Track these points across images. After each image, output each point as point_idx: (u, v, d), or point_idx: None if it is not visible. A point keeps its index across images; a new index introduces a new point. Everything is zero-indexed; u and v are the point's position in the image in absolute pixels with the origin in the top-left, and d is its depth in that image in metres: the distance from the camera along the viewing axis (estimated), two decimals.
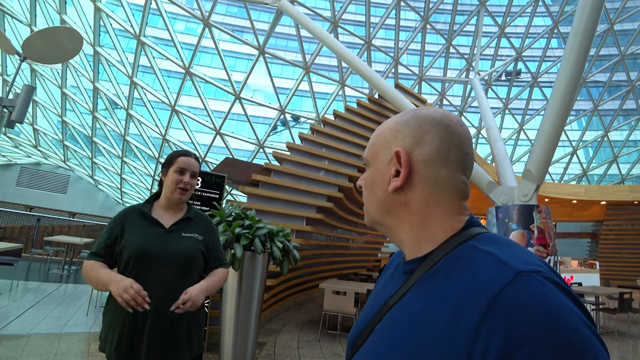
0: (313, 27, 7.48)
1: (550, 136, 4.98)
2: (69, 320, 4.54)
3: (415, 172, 0.56)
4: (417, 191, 0.56)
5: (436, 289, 0.49)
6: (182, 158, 1.60)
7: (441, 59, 15.49)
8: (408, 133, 0.57)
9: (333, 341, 4.72)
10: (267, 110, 15.30)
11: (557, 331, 0.38)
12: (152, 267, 1.45)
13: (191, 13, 10.87)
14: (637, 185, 14.43)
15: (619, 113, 19.68)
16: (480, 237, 0.52)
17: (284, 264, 3.50)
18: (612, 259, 14.51)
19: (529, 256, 0.46)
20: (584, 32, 4.54)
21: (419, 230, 0.56)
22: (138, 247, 1.45)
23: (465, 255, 0.50)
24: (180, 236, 1.55)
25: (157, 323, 1.41)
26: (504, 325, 0.39)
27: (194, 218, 1.64)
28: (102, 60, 12.53)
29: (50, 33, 4.75)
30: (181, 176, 1.57)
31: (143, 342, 1.39)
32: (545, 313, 0.39)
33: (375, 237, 10.52)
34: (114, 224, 1.51)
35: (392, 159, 0.58)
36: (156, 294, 1.40)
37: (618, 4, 16.30)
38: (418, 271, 0.54)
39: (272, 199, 5.89)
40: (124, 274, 1.42)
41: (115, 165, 17.44)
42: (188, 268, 1.52)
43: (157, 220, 1.55)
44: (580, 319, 0.39)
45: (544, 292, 0.40)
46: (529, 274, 0.42)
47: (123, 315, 1.40)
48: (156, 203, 1.62)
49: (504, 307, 0.40)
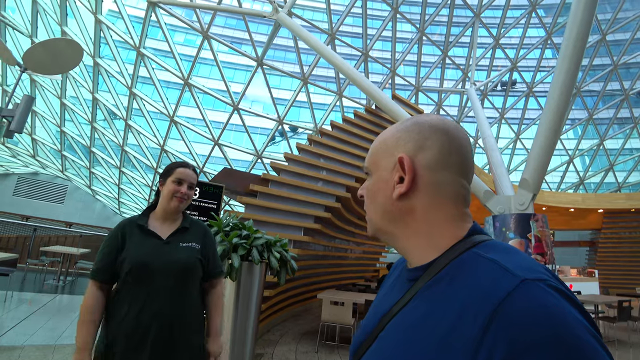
0: (311, 39, 7.60)
1: (545, 145, 5.03)
2: (63, 331, 4.48)
3: (418, 178, 0.56)
4: (421, 197, 0.56)
5: (440, 296, 0.49)
6: (180, 169, 1.62)
7: (437, 70, 15.69)
8: (409, 139, 0.58)
9: (331, 352, 4.67)
10: (265, 121, 15.41)
11: (561, 339, 0.37)
12: (152, 279, 1.46)
13: (191, 25, 11.02)
14: (634, 193, 14.52)
15: (614, 121, 19.88)
16: (484, 244, 0.52)
17: (282, 274, 3.49)
18: (610, 267, 14.50)
19: (533, 264, 0.46)
20: (576, 42, 4.63)
21: (422, 237, 0.56)
22: (137, 260, 1.46)
23: (468, 263, 0.49)
24: (178, 246, 1.57)
25: (160, 333, 1.42)
26: (508, 334, 0.39)
27: (190, 227, 1.65)
28: (102, 71, 12.63)
29: (51, 44, 4.81)
30: (179, 187, 1.60)
31: (145, 352, 1.40)
32: (550, 321, 0.38)
33: (374, 247, 10.49)
34: (113, 237, 1.53)
35: (395, 166, 0.58)
36: (158, 304, 1.43)
37: (609, 15, 16.63)
38: (422, 279, 0.53)
39: (269, 209, 5.89)
40: (124, 286, 1.46)
41: (113, 176, 17.41)
42: (187, 278, 1.54)
43: (154, 232, 1.56)
44: (585, 327, 0.39)
45: (548, 300, 0.40)
46: (533, 282, 0.42)
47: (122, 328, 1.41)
48: (152, 214, 1.63)
49: (507, 315, 0.40)
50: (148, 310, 1.42)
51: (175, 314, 1.47)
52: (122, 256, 1.48)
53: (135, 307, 1.42)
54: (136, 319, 1.40)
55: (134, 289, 1.44)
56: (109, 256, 1.49)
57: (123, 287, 1.46)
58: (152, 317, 1.40)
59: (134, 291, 1.44)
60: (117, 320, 1.43)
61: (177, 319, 1.47)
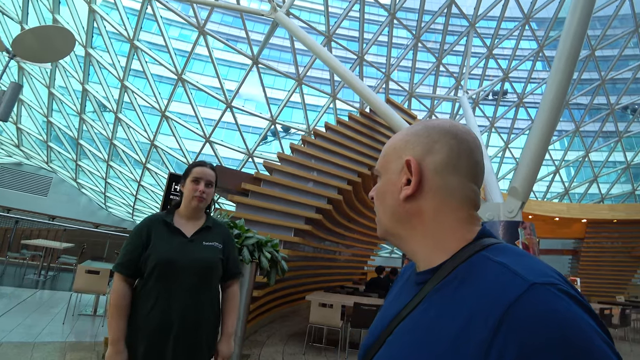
0: (308, 40, 7.59)
1: (535, 155, 5.11)
2: (43, 328, 4.35)
3: (426, 180, 0.56)
4: (428, 199, 0.56)
5: (449, 300, 0.48)
6: (197, 168, 1.68)
7: (431, 77, 15.87)
8: (418, 142, 0.58)
9: (318, 354, 4.65)
10: (257, 120, 15.33)
11: (571, 343, 0.37)
12: (176, 276, 1.52)
13: (187, 20, 10.91)
14: (616, 205, 14.94)
15: (599, 135, 20.41)
16: (493, 247, 0.51)
17: (272, 275, 3.46)
18: (592, 275, 14.87)
19: (543, 268, 0.46)
20: (568, 56, 4.72)
21: (431, 240, 0.56)
22: (163, 257, 1.51)
23: (477, 266, 0.49)
24: (201, 245, 1.62)
25: (182, 329, 1.48)
26: (517, 337, 0.39)
27: (213, 227, 1.71)
28: (94, 62, 12.39)
29: (41, 31, 4.68)
30: (197, 185, 1.65)
31: (169, 347, 1.46)
32: (560, 325, 0.38)
33: (363, 250, 10.51)
34: (137, 234, 1.57)
35: (402, 168, 0.58)
36: (181, 301, 1.49)
37: (599, 32, 17.09)
38: (430, 282, 0.53)
39: (261, 208, 5.85)
40: (148, 282, 1.50)
41: (100, 169, 17.06)
42: (209, 276, 1.61)
43: (180, 230, 1.61)
44: (596, 332, 0.39)
45: (557, 304, 0.40)
46: (542, 285, 0.41)
47: (148, 322, 1.46)
48: (177, 213, 1.69)
49: (517, 319, 0.39)
50: (172, 306, 1.47)
51: (198, 311, 1.52)
52: (148, 252, 1.53)
53: (159, 302, 1.47)
54: (160, 314, 1.46)
55: (158, 285, 1.49)
56: (132, 253, 1.53)
57: (148, 282, 1.50)
58: (175, 313, 1.47)
59: (158, 287, 1.49)
60: (141, 315, 1.47)
61: (199, 316, 1.53)
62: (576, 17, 4.65)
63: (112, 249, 9.89)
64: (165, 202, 3.87)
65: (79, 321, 4.85)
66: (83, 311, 5.33)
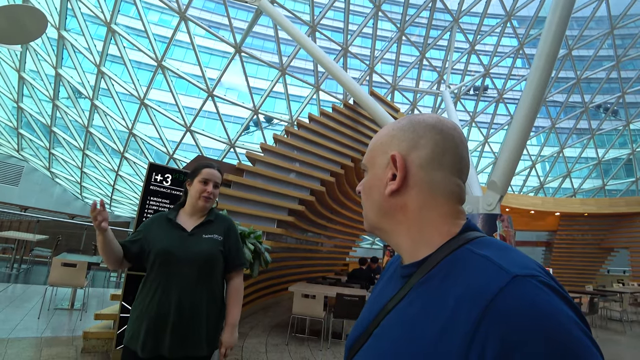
0: (292, 29, 7.48)
1: (513, 150, 5.26)
2: (18, 323, 4.21)
3: (411, 175, 0.57)
4: (413, 194, 0.57)
5: (433, 293, 0.49)
6: (206, 170, 1.76)
7: (414, 70, 15.99)
8: (404, 138, 0.59)
9: (301, 345, 4.70)
10: (240, 109, 15.06)
11: (552, 335, 0.38)
12: (175, 268, 1.60)
13: (167, 4, 10.52)
14: (588, 199, 15.60)
15: (574, 132, 21.20)
16: (477, 241, 0.52)
17: (255, 266, 3.45)
18: (564, 266, 15.59)
19: (525, 260, 0.46)
20: (548, 55, 4.86)
21: (416, 234, 0.56)
22: (161, 249, 1.61)
23: (461, 259, 0.50)
24: (201, 238, 1.69)
25: (178, 319, 1.54)
26: (499, 330, 0.39)
27: (215, 220, 1.78)
28: (67, 46, 11.81)
29: (9, 10, 4.40)
30: (205, 186, 1.73)
31: (166, 335, 1.52)
32: (541, 317, 0.39)
33: (345, 241, 10.61)
34: (142, 226, 1.71)
35: (388, 163, 0.59)
36: (178, 292, 1.56)
37: (576, 32, 17.59)
38: (415, 275, 0.54)
39: (243, 199, 5.79)
40: (150, 274, 1.62)
41: (75, 158, 16.41)
42: (209, 268, 1.67)
43: (180, 225, 1.70)
44: (576, 324, 0.40)
45: (539, 296, 0.40)
46: (524, 278, 0.42)
47: (148, 311, 1.54)
48: (182, 210, 1.78)
49: (499, 312, 0.40)
50: (169, 297, 1.55)
51: (195, 303, 1.58)
52: (149, 245, 1.64)
53: (158, 292, 1.56)
54: (159, 303, 1.54)
55: (159, 276, 1.58)
56: (134, 236, 1.68)
57: (150, 273, 1.61)
58: (173, 304, 1.54)
59: (159, 278, 1.58)
60: (143, 303, 1.57)
61: (197, 308, 1.58)
62: (556, 17, 4.78)
63: (90, 241, 9.58)
64: (146, 193, 3.77)
65: (55, 316, 4.72)
66: (59, 305, 5.18)
